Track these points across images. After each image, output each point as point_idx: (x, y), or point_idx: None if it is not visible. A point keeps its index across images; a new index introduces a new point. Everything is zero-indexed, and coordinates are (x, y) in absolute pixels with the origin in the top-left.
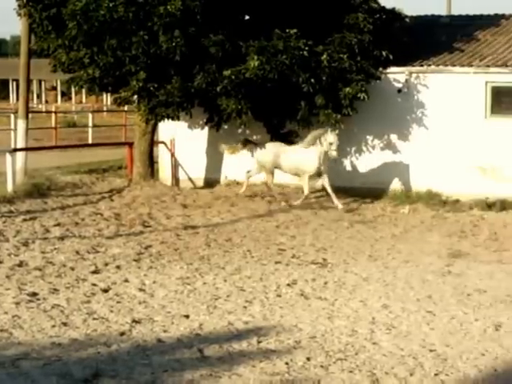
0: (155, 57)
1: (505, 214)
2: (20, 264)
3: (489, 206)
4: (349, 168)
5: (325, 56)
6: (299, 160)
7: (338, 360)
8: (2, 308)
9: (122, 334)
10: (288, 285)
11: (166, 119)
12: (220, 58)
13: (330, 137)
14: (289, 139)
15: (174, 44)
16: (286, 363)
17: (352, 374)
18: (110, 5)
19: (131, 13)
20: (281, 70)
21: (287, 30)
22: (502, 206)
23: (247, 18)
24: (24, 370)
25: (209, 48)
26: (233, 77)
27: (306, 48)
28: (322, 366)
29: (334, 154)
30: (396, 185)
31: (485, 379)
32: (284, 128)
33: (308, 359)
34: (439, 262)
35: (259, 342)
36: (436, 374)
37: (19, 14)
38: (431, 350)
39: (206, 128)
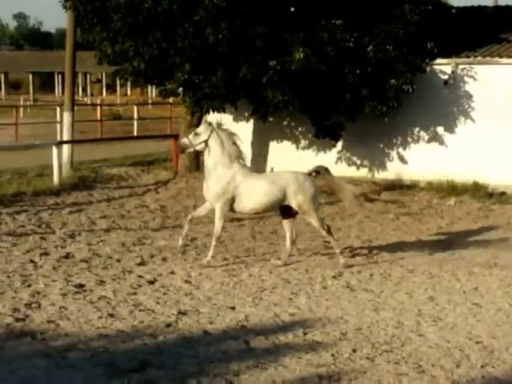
0: (201, 49)
1: None
2: (66, 256)
3: None
4: (395, 160)
5: (371, 47)
6: None
7: (383, 352)
8: (49, 299)
9: (169, 325)
10: (334, 277)
11: (211, 111)
12: (265, 49)
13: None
14: (334, 132)
15: (220, 36)
16: (332, 355)
17: (398, 366)
18: None
19: (176, 5)
20: (326, 61)
21: (333, 21)
22: None
23: (292, 9)
24: (71, 361)
25: (254, 40)
26: (278, 67)
27: (352, 39)
28: (367, 358)
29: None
30: (442, 177)
31: None
32: (329, 120)
33: (354, 351)
34: (486, 254)
35: (305, 334)
36: (482, 366)
37: (65, 7)
38: (478, 342)
39: (251, 120)
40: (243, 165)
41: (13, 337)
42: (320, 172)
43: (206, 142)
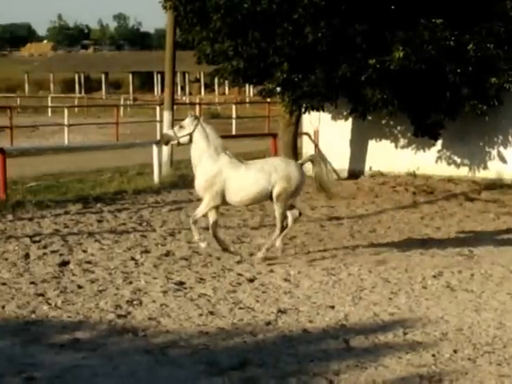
0: (299, 48)
1: None
2: (167, 254)
3: None
4: (496, 159)
5: (471, 46)
6: None
7: (485, 353)
8: (150, 297)
9: (268, 323)
10: (434, 276)
11: (310, 110)
12: (365, 47)
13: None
14: (433, 131)
15: (319, 35)
16: (433, 355)
17: (500, 367)
18: None
19: (275, 5)
20: (426, 60)
21: (433, 20)
22: None
23: (392, 7)
24: (172, 358)
25: (354, 38)
26: (377, 66)
27: (452, 38)
28: (469, 359)
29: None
30: None
31: None
32: (429, 119)
33: (455, 351)
34: None
35: (405, 334)
36: None
37: (165, 8)
38: None
39: (350, 118)
40: (231, 156)
41: (115, 333)
42: (314, 161)
43: (190, 134)
